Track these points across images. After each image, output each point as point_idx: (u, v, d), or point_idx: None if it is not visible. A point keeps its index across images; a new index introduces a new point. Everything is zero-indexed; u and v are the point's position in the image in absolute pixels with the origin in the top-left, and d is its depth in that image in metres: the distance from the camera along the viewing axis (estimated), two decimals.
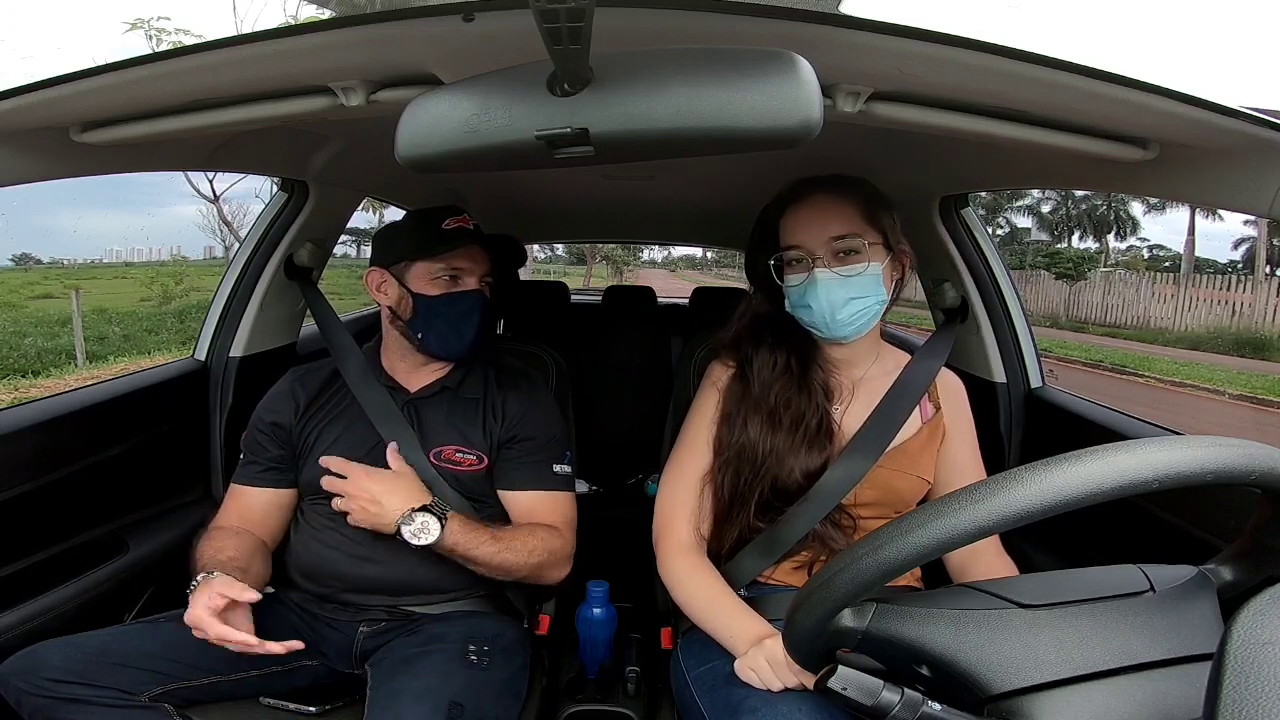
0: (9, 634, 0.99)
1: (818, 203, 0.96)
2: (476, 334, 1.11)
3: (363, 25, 0.64)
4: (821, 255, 0.94)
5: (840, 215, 0.94)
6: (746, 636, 0.85)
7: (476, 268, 1.11)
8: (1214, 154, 0.78)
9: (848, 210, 0.94)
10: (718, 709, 0.84)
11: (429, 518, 0.96)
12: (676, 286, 11.07)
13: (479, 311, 1.11)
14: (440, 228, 1.08)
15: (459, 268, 1.09)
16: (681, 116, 0.52)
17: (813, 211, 0.95)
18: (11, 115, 0.78)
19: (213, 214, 10.97)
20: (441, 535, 0.96)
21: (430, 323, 1.09)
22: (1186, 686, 0.50)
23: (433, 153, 0.58)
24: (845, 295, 0.93)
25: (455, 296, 1.09)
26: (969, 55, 0.63)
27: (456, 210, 1.11)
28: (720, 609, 0.92)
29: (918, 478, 0.99)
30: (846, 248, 0.93)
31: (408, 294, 1.09)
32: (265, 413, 1.13)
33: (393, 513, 0.97)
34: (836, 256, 0.93)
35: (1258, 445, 0.49)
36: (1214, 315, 13.73)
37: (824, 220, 0.94)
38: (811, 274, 0.94)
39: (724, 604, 0.92)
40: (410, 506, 0.97)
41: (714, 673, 0.89)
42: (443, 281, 1.09)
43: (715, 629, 0.90)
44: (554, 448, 1.14)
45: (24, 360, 7.21)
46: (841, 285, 0.93)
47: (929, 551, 0.49)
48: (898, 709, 0.53)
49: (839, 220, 0.94)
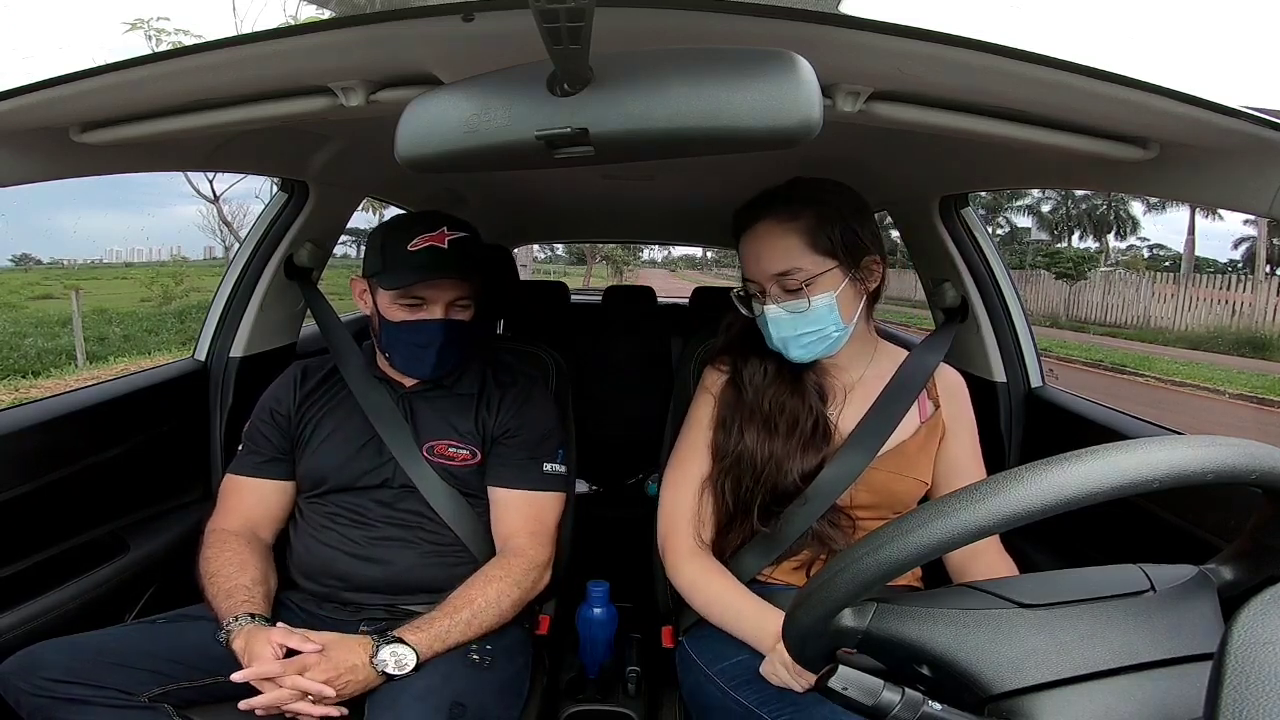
0: (9, 634, 0.99)
1: (760, 234, 0.93)
2: (438, 361, 1.08)
3: (363, 25, 0.64)
4: (769, 289, 0.92)
5: (781, 249, 0.91)
6: (772, 632, 0.84)
7: (442, 295, 1.05)
8: (1214, 154, 0.78)
9: (790, 241, 0.91)
10: (768, 699, 0.84)
11: (387, 647, 0.90)
12: (676, 286, 11.06)
13: (439, 342, 1.06)
14: (407, 250, 1.03)
15: (420, 296, 1.05)
16: (681, 116, 0.52)
17: (757, 244, 0.93)
18: (11, 115, 0.78)
19: (213, 214, 10.99)
20: (414, 648, 0.90)
21: (393, 345, 1.09)
22: (1187, 686, 0.49)
23: (433, 153, 0.58)
24: (794, 330, 0.92)
25: (415, 326, 1.06)
26: (969, 55, 0.63)
27: (435, 220, 1.06)
28: (742, 609, 0.91)
29: (915, 480, 0.99)
30: (791, 284, 0.91)
31: (376, 312, 1.09)
32: (268, 400, 1.14)
33: (364, 665, 0.88)
34: (784, 290, 0.91)
35: (1258, 445, 0.49)
36: (1214, 315, 13.72)
37: (765, 254, 0.92)
38: (764, 308, 0.93)
39: (745, 604, 0.92)
40: (366, 653, 0.89)
41: (745, 666, 0.89)
42: (404, 309, 1.06)
43: (741, 629, 0.90)
44: (545, 446, 1.13)
45: (24, 361, 7.22)
46: (789, 320, 0.91)
47: (929, 551, 0.49)
48: (898, 709, 0.53)
49: (779, 254, 0.91)
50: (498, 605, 0.99)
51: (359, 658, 0.89)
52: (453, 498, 1.08)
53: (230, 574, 0.98)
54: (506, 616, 1.01)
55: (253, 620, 0.92)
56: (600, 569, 1.27)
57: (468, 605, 0.98)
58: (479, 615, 0.97)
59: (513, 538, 1.08)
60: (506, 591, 1.01)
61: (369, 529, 1.06)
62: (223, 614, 0.94)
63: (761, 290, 0.94)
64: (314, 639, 0.90)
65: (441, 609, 0.97)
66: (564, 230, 3.43)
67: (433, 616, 0.96)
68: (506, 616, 1.01)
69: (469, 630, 0.96)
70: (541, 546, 1.09)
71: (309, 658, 0.88)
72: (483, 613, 0.98)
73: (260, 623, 0.93)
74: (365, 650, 0.90)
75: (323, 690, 0.86)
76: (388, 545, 1.06)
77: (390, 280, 1.04)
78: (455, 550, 1.08)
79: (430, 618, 0.96)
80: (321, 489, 1.09)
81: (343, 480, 1.08)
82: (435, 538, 1.08)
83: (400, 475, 1.08)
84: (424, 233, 1.04)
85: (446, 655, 0.94)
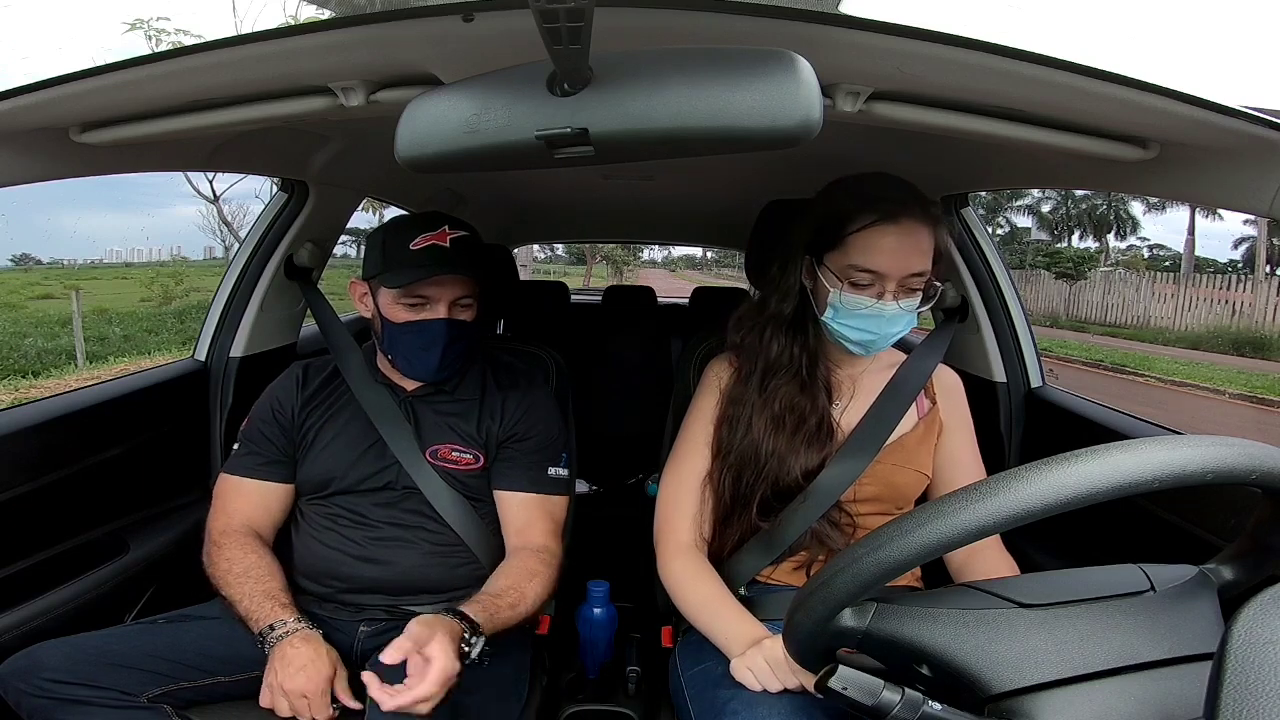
0: (9, 634, 0.99)
1: (907, 230, 0.89)
2: (443, 360, 1.07)
3: (363, 25, 0.64)
4: (893, 286, 0.90)
5: (925, 250, 0.90)
6: (742, 639, 0.85)
7: (446, 294, 1.05)
8: (1214, 154, 0.78)
9: (929, 244, 0.90)
10: (703, 711, 0.85)
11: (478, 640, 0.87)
12: (676, 286, 11.07)
13: (443, 341, 1.06)
14: (409, 248, 1.03)
15: (424, 295, 1.04)
16: (681, 116, 0.52)
17: (904, 239, 0.89)
18: (11, 115, 0.78)
19: (213, 214, 10.97)
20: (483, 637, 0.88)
21: (396, 346, 1.08)
22: (1187, 686, 0.50)
23: (433, 153, 0.58)
24: (895, 328, 0.91)
25: (418, 326, 1.05)
26: (969, 55, 0.63)
27: (436, 220, 1.06)
28: (717, 611, 0.91)
29: (916, 472, 0.99)
30: (916, 284, 0.90)
31: (378, 314, 1.09)
32: (269, 401, 1.13)
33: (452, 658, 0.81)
34: (906, 289, 0.90)
35: (1258, 445, 0.49)
36: (1214, 315, 13.72)
37: (911, 253, 0.89)
38: (879, 304, 0.90)
39: (721, 606, 0.92)
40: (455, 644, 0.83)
41: (706, 674, 0.89)
42: (406, 309, 1.05)
43: (711, 630, 0.90)
44: (550, 449, 1.14)
45: (24, 361, 7.22)
46: (899, 318, 0.90)
47: (930, 551, 0.49)
48: (898, 709, 0.53)
49: (922, 254, 0.89)
50: (537, 600, 1.01)
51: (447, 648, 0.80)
52: (456, 501, 1.08)
53: (261, 575, 0.97)
54: (533, 612, 1.02)
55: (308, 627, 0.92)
56: (600, 569, 1.26)
57: (522, 601, 0.98)
58: (519, 605, 0.97)
59: (529, 532, 1.09)
60: (547, 588, 1.03)
61: (370, 530, 1.06)
62: (265, 616, 0.92)
63: (878, 283, 0.90)
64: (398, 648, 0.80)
65: (500, 598, 0.95)
66: (564, 230, 3.43)
67: (498, 605, 0.93)
68: (533, 612, 1.02)
69: (511, 620, 0.96)
70: (560, 544, 1.11)
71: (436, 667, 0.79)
72: (522, 604, 0.98)
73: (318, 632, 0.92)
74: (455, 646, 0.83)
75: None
76: (389, 546, 1.06)
77: (393, 279, 1.04)
78: (458, 551, 1.08)
79: (496, 606, 0.93)
80: (324, 492, 1.09)
81: (346, 484, 1.08)
82: (437, 538, 1.08)
83: (404, 478, 1.07)
84: (425, 232, 1.04)
85: None
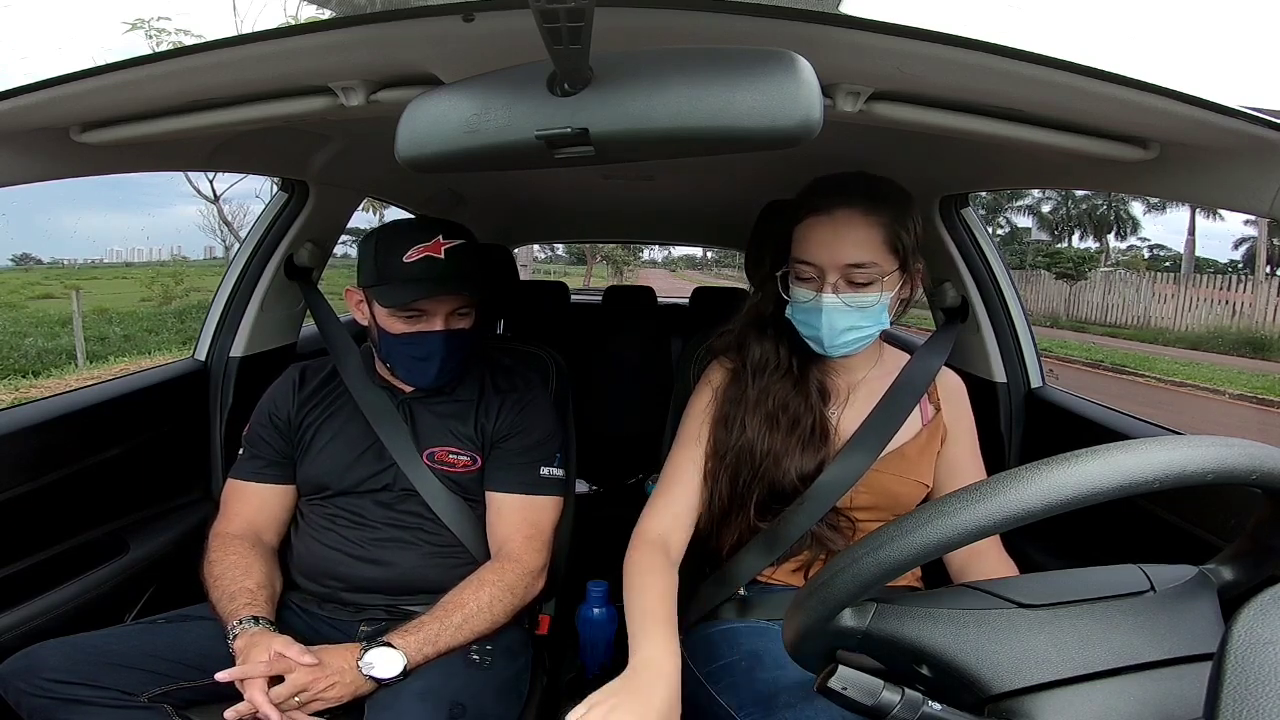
0: (9, 634, 0.99)
1: (840, 221, 0.88)
2: (441, 370, 1.07)
3: (363, 25, 0.64)
4: (833, 278, 0.89)
5: (863, 240, 0.88)
6: (649, 663, 0.76)
7: (442, 306, 1.04)
8: (1214, 154, 0.78)
9: (872, 235, 0.88)
10: (744, 703, 0.83)
11: (374, 650, 0.89)
12: (677, 286, 11.07)
13: (441, 353, 1.06)
14: (403, 261, 1.02)
15: (420, 309, 1.04)
16: (681, 116, 0.52)
17: (834, 229, 0.88)
18: (11, 115, 0.78)
19: (213, 214, 10.99)
20: (402, 652, 0.90)
21: (393, 356, 1.08)
22: (1187, 686, 0.49)
23: (433, 153, 0.57)
24: (845, 323, 0.90)
25: (415, 338, 1.05)
26: (969, 55, 0.63)
27: (430, 228, 1.05)
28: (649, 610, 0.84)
29: (916, 482, 0.98)
30: (860, 278, 0.89)
31: (375, 323, 1.08)
32: (267, 404, 1.13)
33: (350, 669, 0.88)
34: (849, 282, 0.89)
35: (1258, 445, 0.49)
36: (1214, 315, 13.73)
37: (844, 243, 0.88)
38: (819, 296, 0.90)
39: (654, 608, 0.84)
40: (354, 657, 0.88)
41: (731, 669, 0.88)
42: (403, 321, 1.05)
43: (631, 628, 0.83)
44: (543, 449, 1.13)
45: (24, 360, 7.22)
46: (844, 313, 0.89)
47: (929, 551, 0.49)
48: (898, 709, 0.53)
49: (861, 246, 0.88)
50: (490, 610, 0.99)
51: (346, 661, 0.88)
52: (453, 501, 1.08)
53: (235, 577, 0.98)
54: (499, 622, 1.00)
55: (257, 624, 0.92)
56: (600, 569, 1.26)
57: (459, 609, 0.97)
58: (470, 620, 0.97)
59: (507, 543, 1.07)
60: (499, 597, 1.00)
61: (369, 530, 1.06)
62: (227, 617, 0.94)
63: (819, 276, 0.90)
64: (312, 654, 0.88)
65: (433, 613, 0.96)
66: (564, 230, 3.43)
67: (423, 620, 0.95)
68: (499, 622, 1.00)
69: (459, 635, 0.95)
70: (536, 552, 1.08)
71: (295, 663, 0.86)
72: (474, 617, 0.97)
73: (265, 626, 0.92)
74: (352, 654, 0.89)
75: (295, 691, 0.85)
76: (388, 546, 1.06)
77: (388, 296, 1.02)
78: (456, 551, 1.08)
79: (420, 621, 0.94)
80: (323, 494, 1.09)
81: (344, 485, 1.08)
82: (436, 539, 1.08)
83: (401, 480, 1.08)
84: (418, 242, 1.03)
85: (446, 655, 0.94)
